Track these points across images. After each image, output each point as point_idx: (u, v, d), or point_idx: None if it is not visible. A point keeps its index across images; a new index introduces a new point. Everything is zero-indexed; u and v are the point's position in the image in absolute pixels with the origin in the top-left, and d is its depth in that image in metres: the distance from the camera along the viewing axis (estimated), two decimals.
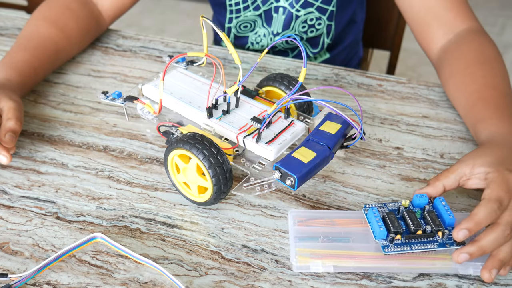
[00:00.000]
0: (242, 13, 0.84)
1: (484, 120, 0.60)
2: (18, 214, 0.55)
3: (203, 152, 0.50)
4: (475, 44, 0.69)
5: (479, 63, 0.66)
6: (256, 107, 0.59)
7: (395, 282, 0.49)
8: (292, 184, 0.49)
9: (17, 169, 0.61)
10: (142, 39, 0.86)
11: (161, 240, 0.53)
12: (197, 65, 0.65)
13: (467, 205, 0.57)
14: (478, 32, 0.71)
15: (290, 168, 0.49)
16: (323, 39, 0.87)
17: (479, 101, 0.63)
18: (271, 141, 0.54)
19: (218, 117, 0.57)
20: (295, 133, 0.56)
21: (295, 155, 0.51)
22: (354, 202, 0.58)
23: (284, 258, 0.51)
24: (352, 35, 0.94)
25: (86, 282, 0.49)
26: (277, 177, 0.50)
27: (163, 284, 0.49)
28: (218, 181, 0.51)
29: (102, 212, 0.56)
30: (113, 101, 0.61)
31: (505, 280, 0.50)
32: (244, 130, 0.55)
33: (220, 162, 0.51)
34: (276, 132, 0.56)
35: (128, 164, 0.62)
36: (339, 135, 0.53)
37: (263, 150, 0.54)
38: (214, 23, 0.55)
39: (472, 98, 0.64)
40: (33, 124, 0.68)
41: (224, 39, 0.54)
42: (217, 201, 0.54)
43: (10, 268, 0.50)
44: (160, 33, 2.21)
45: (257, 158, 0.55)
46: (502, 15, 2.50)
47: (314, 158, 0.50)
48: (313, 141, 0.53)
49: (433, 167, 0.62)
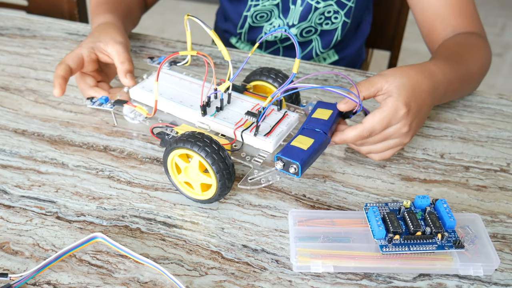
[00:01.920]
0: (260, 2, 0.85)
1: (437, 56, 0.66)
2: (18, 214, 0.55)
3: (205, 149, 0.51)
4: (470, 39, 0.72)
5: (466, 47, 0.70)
6: (248, 102, 0.60)
7: (395, 282, 0.49)
8: (296, 172, 0.51)
9: (17, 169, 0.61)
10: (142, 39, 0.86)
11: (161, 240, 0.53)
12: (181, 64, 0.65)
13: (467, 206, 0.57)
14: (478, 36, 0.73)
15: (291, 156, 0.50)
16: (337, 35, 0.88)
17: (446, 48, 0.69)
18: (269, 133, 0.55)
19: (212, 114, 0.58)
20: (290, 123, 0.58)
21: (294, 143, 0.52)
22: (355, 202, 0.58)
23: (284, 258, 0.51)
24: (361, 39, 0.95)
25: (86, 282, 0.49)
26: (280, 167, 0.51)
27: (163, 284, 0.49)
28: (222, 176, 0.52)
29: (102, 212, 0.56)
30: (100, 107, 0.61)
31: (505, 280, 0.50)
32: (240, 125, 0.56)
33: (223, 157, 0.51)
34: (272, 124, 0.57)
35: (128, 164, 0.62)
36: (332, 120, 0.55)
37: (262, 142, 0.55)
38: (201, 21, 0.55)
39: (444, 45, 0.71)
40: (33, 124, 0.68)
41: (213, 36, 0.55)
42: (221, 197, 0.55)
43: (10, 268, 0.50)
44: (160, 33, 2.20)
45: (256, 151, 0.55)
46: (502, 15, 2.50)
47: (312, 144, 0.52)
48: (309, 129, 0.54)
49: (433, 167, 0.62)
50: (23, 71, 0.78)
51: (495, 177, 0.61)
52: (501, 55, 2.22)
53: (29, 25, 0.90)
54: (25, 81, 0.76)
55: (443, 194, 0.59)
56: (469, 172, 0.62)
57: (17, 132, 0.66)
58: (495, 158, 0.64)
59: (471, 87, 0.72)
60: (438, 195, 0.58)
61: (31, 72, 0.78)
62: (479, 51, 0.70)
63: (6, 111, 0.70)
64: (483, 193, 0.59)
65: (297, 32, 0.86)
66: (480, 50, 0.71)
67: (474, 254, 0.50)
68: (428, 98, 0.59)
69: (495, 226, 0.55)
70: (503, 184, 0.60)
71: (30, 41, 0.85)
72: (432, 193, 0.59)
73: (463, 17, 0.73)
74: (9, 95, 0.73)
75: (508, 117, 0.71)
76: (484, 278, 0.50)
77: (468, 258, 0.50)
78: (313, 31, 0.84)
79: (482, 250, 0.50)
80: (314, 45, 0.89)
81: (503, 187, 0.60)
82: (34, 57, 0.81)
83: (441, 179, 0.61)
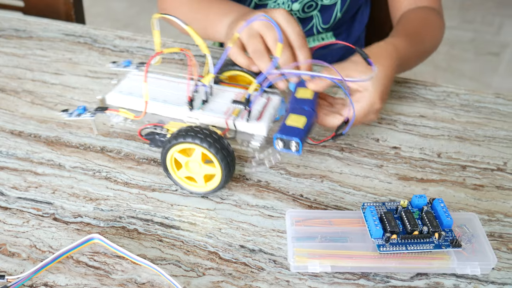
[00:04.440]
0: None
1: (399, 34, 0.72)
2: (15, 215, 0.55)
3: (207, 140, 0.52)
4: (429, 16, 0.79)
5: (425, 25, 0.77)
6: (228, 92, 0.61)
7: (393, 281, 0.49)
8: (297, 149, 0.53)
9: (14, 170, 0.61)
10: (139, 39, 0.86)
11: (158, 240, 0.53)
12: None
13: (464, 205, 0.58)
14: (437, 13, 0.80)
15: (290, 134, 0.53)
16: (336, 11, 0.88)
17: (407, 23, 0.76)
18: (259, 118, 0.57)
19: (199, 108, 0.58)
20: (275, 106, 0.60)
21: (289, 123, 0.54)
22: (352, 202, 0.58)
23: (281, 258, 0.51)
24: (358, 29, 0.95)
25: (84, 283, 0.48)
26: (280, 147, 0.53)
27: (160, 285, 0.49)
28: (227, 164, 0.53)
29: (100, 213, 0.56)
30: (79, 117, 0.60)
31: (502, 279, 0.50)
32: (230, 114, 0.57)
33: (225, 145, 0.53)
34: (259, 109, 0.58)
35: (125, 165, 0.62)
36: (315, 98, 0.59)
37: (256, 127, 0.56)
38: (177, 18, 0.55)
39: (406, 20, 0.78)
40: (30, 125, 0.67)
41: (190, 32, 0.55)
42: (225, 185, 0.56)
43: (7, 270, 0.50)
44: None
45: (250, 137, 0.57)
46: (499, 14, 2.50)
47: (306, 122, 0.55)
48: (298, 108, 0.57)
49: (431, 166, 0.62)
50: (19, 72, 0.78)
51: (492, 176, 0.61)
52: (498, 54, 2.23)
53: (26, 26, 0.89)
54: (21, 82, 0.76)
55: (440, 194, 0.59)
56: (466, 171, 0.62)
57: (14, 133, 0.66)
58: (492, 157, 0.64)
59: (422, 61, 0.79)
60: (435, 195, 0.59)
61: (27, 73, 0.78)
62: (435, 30, 0.78)
63: (2, 112, 0.70)
64: (480, 192, 0.59)
65: (300, 8, 0.87)
66: (436, 29, 0.79)
67: (471, 253, 0.50)
68: (394, 77, 0.65)
69: (492, 225, 0.55)
70: (500, 183, 0.60)
71: (26, 42, 0.85)
72: (429, 192, 0.59)
73: None
74: (6, 96, 0.73)
75: (504, 116, 0.71)
76: (481, 277, 0.50)
77: (465, 257, 0.50)
78: (314, 6, 0.86)
79: (479, 249, 0.50)
80: (315, 22, 0.90)
81: (500, 186, 0.60)
82: (31, 58, 0.81)
83: (438, 178, 0.61)
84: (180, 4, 0.79)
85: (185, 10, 0.78)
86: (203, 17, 0.74)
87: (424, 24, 0.77)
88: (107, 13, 2.50)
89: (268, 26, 0.58)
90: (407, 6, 0.82)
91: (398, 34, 0.72)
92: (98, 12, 2.48)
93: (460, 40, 2.31)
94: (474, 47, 2.26)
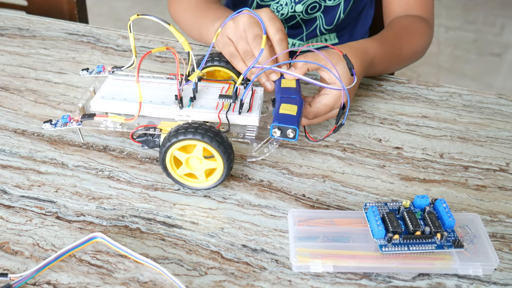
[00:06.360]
0: None
1: (378, 36, 0.74)
2: (18, 214, 0.55)
3: (208, 135, 0.53)
4: (415, 25, 0.80)
5: (407, 32, 0.78)
6: (213, 87, 0.62)
7: (395, 281, 0.49)
8: (294, 135, 0.54)
9: (17, 169, 0.61)
10: (142, 39, 0.86)
11: (161, 239, 0.53)
12: (125, 68, 0.64)
13: (466, 205, 0.58)
14: (425, 22, 0.81)
15: (287, 122, 0.54)
16: (339, 12, 0.88)
17: (390, 29, 0.79)
18: (250, 109, 0.59)
19: (189, 105, 0.58)
20: (261, 97, 0.62)
21: (283, 112, 0.55)
22: (354, 202, 0.58)
23: (284, 258, 0.52)
24: (361, 31, 0.95)
25: (86, 281, 0.49)
26: (278, 135, 0.54)
27: (163, 283, 0.49)
28: (228, 156, 0.54)
29: (102, 212, 0.56)
30: (65, 127, 0.59)
31: (504, 280, 0.50)
32: (220, 109, 0.58)
33: (224, 139, 0.54)
34: (247, 101, 0.60)
35: (128, 164, 0.62)
36: (299, 86, 0.61)
37: (248, 118, 0.58)
38: (157, 17, 0.56)
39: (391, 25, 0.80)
40: (33, 124, 0.68)
41: (172, 30, 0.56)
42: (226, 177, 0.57)
43: (10, 268, 0.50)
44: (160, 33, 2.20)
45: (243, 128, 0.58)
46: (501, 15, 2.50)
47: (298, 110, 0.56)
48: (287, 97, 0.58)
49: (433, 167, 0.62)
50: (22, 71, 0.78)
51: (494, 176, 0.61)
52: (500, 55, 2.22)
53: (29, 25, 0.90)
54: (24, 81, 0.76)
55: (443, 194, 0.59)
56: (468, 172, 0.62)
57: (17, 132, 0.66)
58: (494, 157, 0.64)
59: (399, 67, 0.81)
60: (438, 195, 0.59)
61: (30, 72, 0.78)
62: (417, 37, 0.79)
63: (6, 111, 0.70)
64: (482, 193, 0.59)
65: (303, 9, 0.87)
66: (419, 37, 0.79)
67: (473, 254, 0.50)
68: (361, 74, 0.67)
69: (494, 226, 0.55)
70: (502, 184, 0.60)
71: (29, 41, 0.85)
72: (432, 192, 0.59)
73: (417, 0, 0.82)
74: (9, 95, 0.73)
75: (507, 117, 0.71)
76: (483, 278, 0.50)
77: (467, 258, 0.50)
78: (317, 7, 0.87)
79: (481, 249, 0.50)
80: (318, 23, 0.90)
81: (502, 186, 0.60)
82: (34, 57, 0.81)
83: (441, 178, 0.61)
84: (186, 10, 0.82)
85: (189, 15, 0.81)
86: (200, 22, 0.77)
87: (405, 31, 0.78)
88: (109, 12, 2.51)
89: (252, 23, 0.61)
90: (397, 13, 0.83)
91: (375, 38, 0.73)
92: (101, 11, 2.48)
93: (463, 40, 2.31)
94: (476, 48, 2.26)
